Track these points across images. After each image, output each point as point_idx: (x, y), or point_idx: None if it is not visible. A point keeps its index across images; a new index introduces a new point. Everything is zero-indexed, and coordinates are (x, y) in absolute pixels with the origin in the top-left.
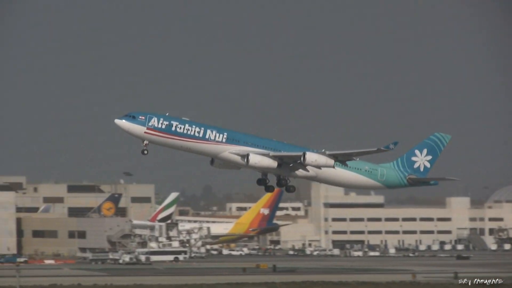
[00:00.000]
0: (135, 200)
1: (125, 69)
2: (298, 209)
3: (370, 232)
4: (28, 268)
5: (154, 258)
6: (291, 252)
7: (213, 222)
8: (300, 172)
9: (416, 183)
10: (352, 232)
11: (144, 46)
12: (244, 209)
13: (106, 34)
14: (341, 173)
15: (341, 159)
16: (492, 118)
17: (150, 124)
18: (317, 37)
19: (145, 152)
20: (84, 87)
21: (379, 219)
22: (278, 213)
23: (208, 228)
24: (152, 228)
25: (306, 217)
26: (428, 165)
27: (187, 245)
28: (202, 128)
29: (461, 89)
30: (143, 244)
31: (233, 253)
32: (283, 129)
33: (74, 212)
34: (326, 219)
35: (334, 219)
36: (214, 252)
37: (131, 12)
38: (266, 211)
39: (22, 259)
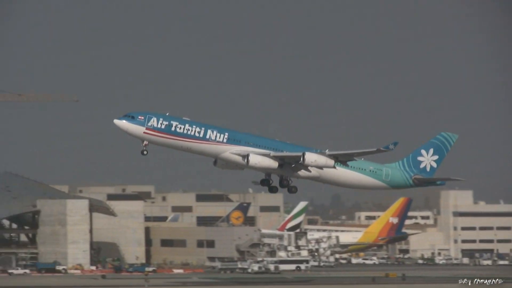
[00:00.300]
0: (263, 209)
1: (126, 69)
2: (427, 217)
3: (499, 241)
4: (156, 277)
5: (282, 267)
6: (420, 261)
7: (342, 231)
8: (303, 172)
9: (422, 184)
10: (481, 241)
11: (144, 46)
12: (373, 218)
13: (106, 34)
14: (344, 173)
15: (342, 160)
16: (492, 118)
17: (149, 124)
18: (317, 37)
19: (145, 152)
20: (84, 86)
21: (508, 228)
22: (407, 222)
23: (337, 237)
24: (281, 237)
25: (435, 226)
26: (434, 165)
27: (316, 254)
28: (203, 128)
29: (461, 89)
30: (272, 253)
31: (367, 262)
32: (287, 129)
33: (203, 221)
34: (455, 228)
35: (463, 228)
36: (343, 261)
37: (131, 12)
38: (395, 220)
39: (150, 268)
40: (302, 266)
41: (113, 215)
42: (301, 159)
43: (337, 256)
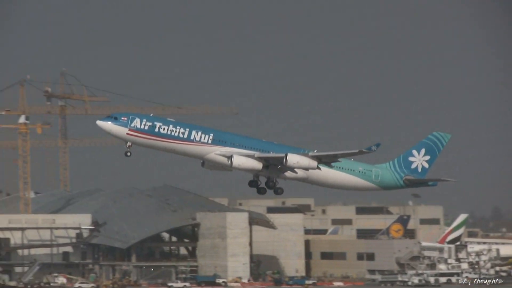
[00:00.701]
0: (423, 221)
1: (125, 68)
2: None
3: None
4: None
5: (443, 280)
6: None
7: (503, 243)
8: (289, 173)
9: (413, 184)
10: None
11: (144, 46)
12: None
13: (106, 34)
14: (333, 174)
15: (325, 161)
16: (492, 118)
17: (132, 125)
18: (315, 37)
19: (128, 154)
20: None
21: None
22: None
23: (497, 250)
24: (441, 250)
25: None
26: (426, 165)
27: (476, 267)
28: (187, 129)
29: (460, 89)
30: (432, 266)
31: None
32: (285, 130)
33: (363, 234)
34: None
35: None
36: (504, 274)
37: (131, 12)
38: None
39: (310, 281)
40: (453, 279)
41: (273, 228)
42: (284, 160)
43: (498, 268)
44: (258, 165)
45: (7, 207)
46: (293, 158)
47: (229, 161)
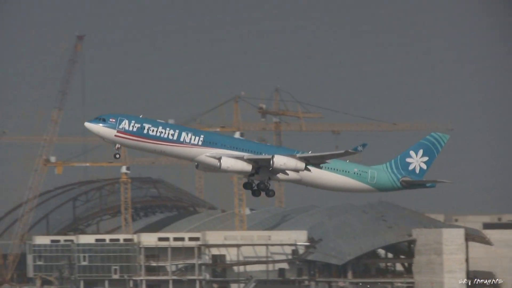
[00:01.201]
0: None
1: (125, 68)
2: None
3: None
4: None
5: None
6: None
7: None
8: (282, 175)
9: (410, 186)
10: None
11: (356, 62)
12: None
13: (317, 49)
14: (327, 176)
15: (313, 162)
16: (491, 118)
17: (120, 126)
18: (312, 36)
19: (117, 156)
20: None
21: None
22: None
23: None
24: None
25: None
26: (424, 166)
27: None
28: (177, 131)
29: (459, 90)
30: None
31: None
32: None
33: None
34: None
35: None
36: None
37: (130, 13)
38: None
39: None
40: None
41: (489, 244)
42: (271, 161)
43: None
44: (248, 167)
45: (222, 223)
46: (279, 160)
47: (218, 163)
